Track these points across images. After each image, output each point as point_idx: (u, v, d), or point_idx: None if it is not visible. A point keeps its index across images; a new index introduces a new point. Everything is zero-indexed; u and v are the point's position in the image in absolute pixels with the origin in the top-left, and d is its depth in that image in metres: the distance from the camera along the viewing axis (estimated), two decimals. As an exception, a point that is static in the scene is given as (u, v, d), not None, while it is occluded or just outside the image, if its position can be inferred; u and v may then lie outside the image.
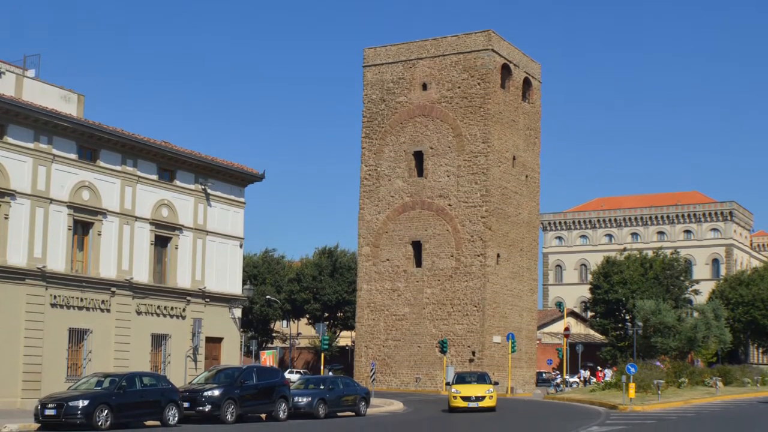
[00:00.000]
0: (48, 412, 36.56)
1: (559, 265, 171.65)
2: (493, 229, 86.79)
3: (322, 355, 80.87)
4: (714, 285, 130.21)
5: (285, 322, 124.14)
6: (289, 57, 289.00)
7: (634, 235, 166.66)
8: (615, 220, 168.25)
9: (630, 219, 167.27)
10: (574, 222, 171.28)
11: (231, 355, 60.47)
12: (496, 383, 58.63)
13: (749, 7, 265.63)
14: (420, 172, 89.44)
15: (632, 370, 57.86)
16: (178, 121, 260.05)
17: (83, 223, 51.37)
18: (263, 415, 45.27)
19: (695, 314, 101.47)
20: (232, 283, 61.14)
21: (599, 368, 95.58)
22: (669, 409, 55.97)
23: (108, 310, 51.94)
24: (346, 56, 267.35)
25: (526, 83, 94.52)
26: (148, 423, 39.51)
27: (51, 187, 49.18)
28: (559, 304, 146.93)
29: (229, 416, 41.46)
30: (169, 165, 56.55)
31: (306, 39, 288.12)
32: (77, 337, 50.43)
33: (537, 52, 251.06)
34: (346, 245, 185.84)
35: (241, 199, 61.79)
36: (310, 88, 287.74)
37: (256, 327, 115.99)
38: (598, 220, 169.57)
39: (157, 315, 55.14)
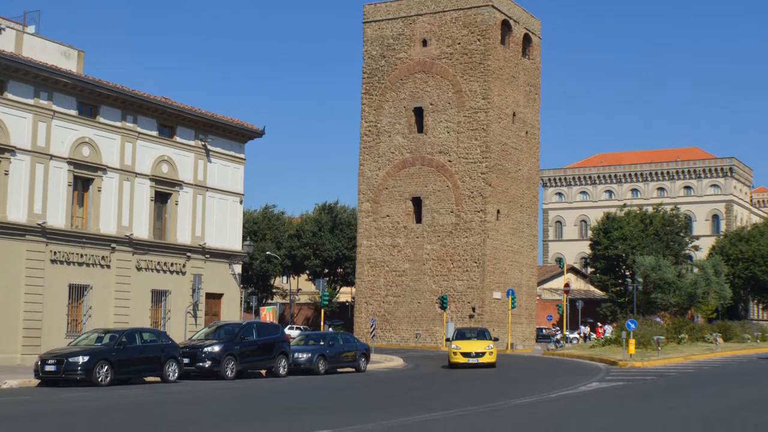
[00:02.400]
0: (48, 368, 36.58)
1: (559, 221, 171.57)
2: (493, 185, 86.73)
3: (322, 311, 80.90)
4: (714, 241, 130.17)
5: (285, 278, 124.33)
6: (290, 12, 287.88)
7: (634, 191, 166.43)
8: (615, 176, 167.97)
9: (630, 175, 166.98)
10: (574, 178, 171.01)
11: (231, 311, 60.49)
12: (496, 339, 58.78)
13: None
14: (420, 128, 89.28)
15: (632, 326, 57.90)
16: (178, 77, 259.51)
17: (83, 179, 51.27)
18: (263, 371, 45.31)
19: (695, 270, 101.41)
20: (232, 239, 61.07)
21: (599, 324, 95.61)
22: (669, 365, 56.06)
23: (108, 266, 51.95)
24: (347, 12, 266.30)
25: (526, 39, 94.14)
26: (149, 379, 39.58)
27: (51, 143, 49.04)
28: (559, 260, 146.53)
29: (229, 372, 41.54)
30: (169, 121, 56.36)
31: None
32: (77, 293, 50.48)
33: (537, 7, 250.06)
34: (346, 201, 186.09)
35: (241, 155, 61.61)
36: (310, 44, 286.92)
37: (256, 283, 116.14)
38: (598, 176, 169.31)
39: (157, 271, 55.14)
